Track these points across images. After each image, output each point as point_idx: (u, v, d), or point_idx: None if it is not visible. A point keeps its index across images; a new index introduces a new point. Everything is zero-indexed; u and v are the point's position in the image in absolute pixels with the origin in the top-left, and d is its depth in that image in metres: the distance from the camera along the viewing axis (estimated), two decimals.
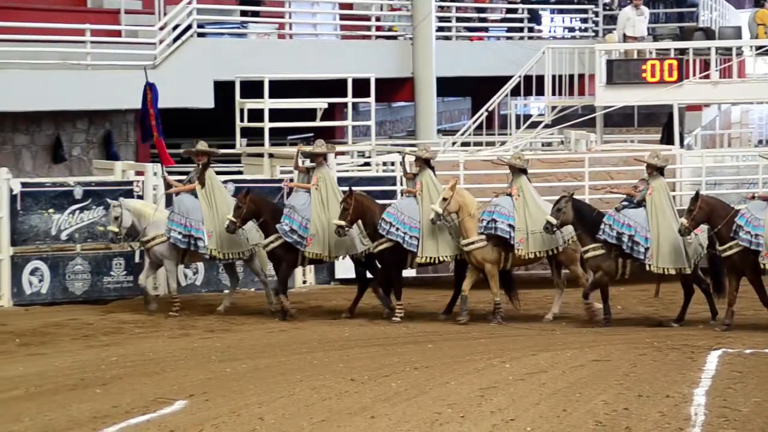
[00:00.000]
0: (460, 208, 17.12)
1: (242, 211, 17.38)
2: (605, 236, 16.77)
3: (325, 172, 17.81)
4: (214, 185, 17.93)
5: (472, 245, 17.12)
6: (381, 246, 17.32)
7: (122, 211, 17.59)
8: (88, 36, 22.09)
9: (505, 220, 17.05)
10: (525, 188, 17.31)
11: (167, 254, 17.72)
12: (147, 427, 11.75)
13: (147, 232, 17.70)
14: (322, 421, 11.84)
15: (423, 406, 12.35)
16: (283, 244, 17.50)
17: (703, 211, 16.44)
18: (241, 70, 22.71)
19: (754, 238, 16.28)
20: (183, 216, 17.61)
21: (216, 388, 13.22)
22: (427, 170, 17.52)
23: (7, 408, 12.47)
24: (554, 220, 16.74)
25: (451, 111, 37.31)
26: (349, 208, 17.20)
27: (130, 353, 15.37)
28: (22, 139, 22.33)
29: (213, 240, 17.64)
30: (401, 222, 17.24)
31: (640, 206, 16.85)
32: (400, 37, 27.35)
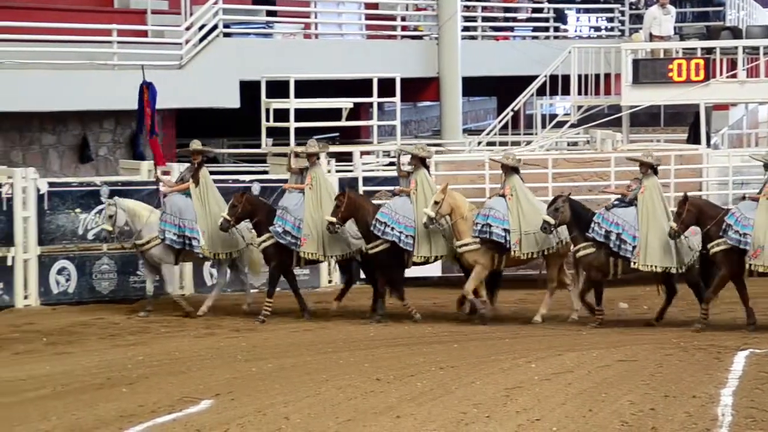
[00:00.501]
0: (452, 211, 17.08)
1: (237, 210, 17.39)
2: (594, 234, 16.78)
3: (319, 172, 17.75)
4: (208, 184, 17.91)
5: (464, 247, 17.07)
6: (377, 248, 17.28)
7: (117, 210, 17.57)
8: (115, 36, 22.17)
9: (499, 225, 16.99)
10: (518, 188, 17.24)
11: (164, 257, 17.68)
12: (173, 426, 11.78)
13: (142, 234, 17.64)
14: (347, 421, 11.84)
15: (448, 406, 12.34)
16: (276, 244, 17.49)
17: (691, 214, 16.48)
18: (266, 70, 22.74)
19: (743, 237, 16.31)
20: (175, 216, 17.59)
21: (242, 388, 13.25)
22: (422, 169, 17.44)
23: (34, 407, 12.53)
24: (552, 219, 16.72)
25: (477, 111, 37.27)
26: (342, 206, 17.17)
27: (156, 352, 15.42)
28: (50, 139, 22.42)
29: (206, 239, 17.65)
30: (396, 222, 17.17)
31: (631, 205, 16.86)
32: (425, 37, 27.34)
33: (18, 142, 22.06)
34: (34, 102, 21.06)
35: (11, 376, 14.07)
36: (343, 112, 22.95)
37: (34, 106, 21.21)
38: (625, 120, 24.97)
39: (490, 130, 26.06)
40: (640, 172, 17.04)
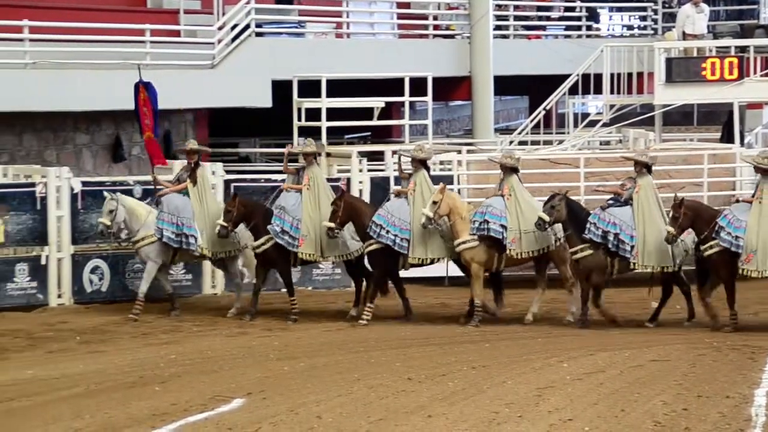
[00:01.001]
0: (450, 211, 17.00)
1: (232, 214, 17.29)
2: (591, 235, 16.71)
3: (316, 171, 17.66)
4: (206, 184, 17.84)
5: (463, 245, 17.02)
6: (370, 248, 17.22)
7: (117, 205, 17.46)
8: (148, 36, 22.26)
9: (497, 221, 16.92)
10: (516, 188, 17.18)
11: (153, 256, 17.56)
12: (205, 424, 11.81)
13: (137, 232, 17.56)
14: (379, 420, 11.85)
15: (480, 406, 12.33)
16: (275, 245, 17.42)
17: (687, 217, 16.42)
18: (298, 69, 22.78)
19: (735, 239, 16.27)
20: (173, 215, 17.51)
21: (274, 387, 13.27)
22: (422, 170, 17.36)
23: (68, 405, 12.60)
24: (547, 217, 16.66)
25: (509, 110, 37.19)
26: (339, 210, 17.09)
27: (189, 351, 15.47)
28: (83, 139, 22.52)
29: (203, 239, 17.57)
30: (391, 224, 17.10)
31: (626, 204, 16.81)
32: (457, 36, 27.30)
33: (52, 142, 22.17)
34: (68, 102, 21.16)
35: (45, 374, 14.15)
36: (375, 112, 22.96)
37: (68, 106, 21.31)
38: (658, 119, 24.87)
39: (522, 129, 26.01)
40: (635, 171, 16.97)
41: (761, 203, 16.32)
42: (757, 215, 16.28)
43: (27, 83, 20.72)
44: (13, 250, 18.09)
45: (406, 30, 27.18)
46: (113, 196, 17.57)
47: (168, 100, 22.47)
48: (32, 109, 21.01)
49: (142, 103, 18.40)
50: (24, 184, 18.33)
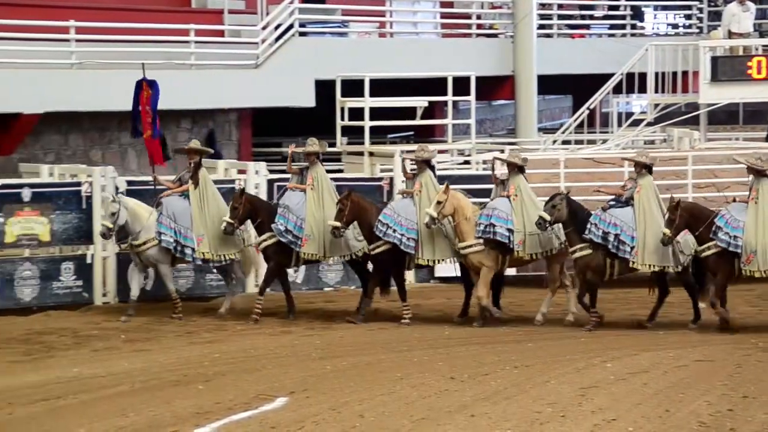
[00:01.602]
0: (455, 211, 16.89)
1: (239, 212, 17.15)
2: (591, 236, 16.63)
3: (320, 171, 17.53)
4: (207, 186, 17.58)
5: (469, 248, 16.91)
6: (378, 249, 17.14)
7: (120, 207, 17.23)
8: (192, 36, 22.37)
9: (503, 224, 16.79)
10: (523, 188, 17.09)
11: (160, 258, 17.37)
12: (248, 423, 11.86)
13: (139, 235, 17.32)
14: (422, 419, 11.85)
15: (523, 405, 12.31)
16: (276, 243, 17.33)
17: (683, 219, 16.34)
18: (342, 69, 22.81)
19: (733, 239, 16.18)
20: (172, 220, 17.31)
21: (316, 386, 13.30)
22: (427, 171, 17.28)
23: (112, 403, 12.68)
24: (548, 216, 16.59)
25: (552, 109, 37.09)
26: (345, 209, 16.99)
27: (232, 350, 15.53)
28: (128, 138, 22.65)
29: (204, 243, 17.36)
30: (398, 224, 17.01)
31: (627, 205, 16.73)
32: (500, 35, 27.27)
33: (97, 141, 22.34)
34: (113, 101, 21.28)
35: (90, 372, 14.24)
36: (418, 111, 22.96)
37: (114, 106, 21.44)
38: (703, 118, 24.72)
39: (566, 128, 25.92)
40: (635, 171, 16.91)
41: (757, 203, 16.27)
42: (754, 215, 16.22)
43: (73, 83, 20.90)
44: (59, 249, 18.22)
45: (449, 29, 27.17)
46: (115, 197, 17.40)
47: (212, 99, 22.63)
48: (78, 109, 21.18)
49: (145, 102, 18.11)
50: (70, 184, 18.44)
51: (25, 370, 14.40)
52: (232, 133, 24.24)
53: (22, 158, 20.78)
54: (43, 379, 13.88)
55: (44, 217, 17.98)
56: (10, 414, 12.32)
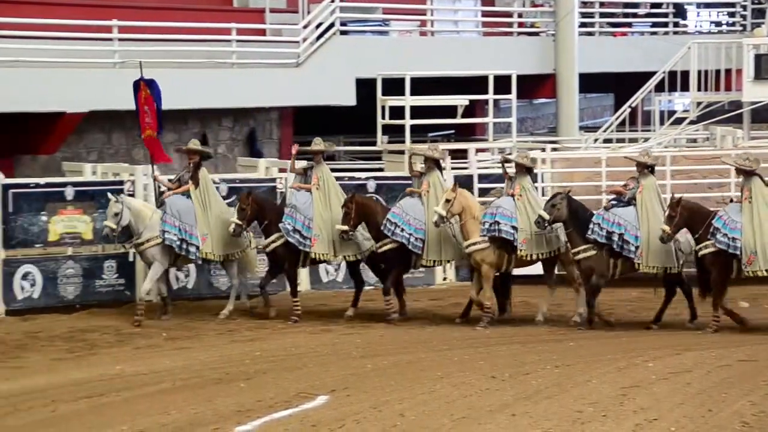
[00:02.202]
0: (463, 210, 16.81)
1: (246, 213, 17.05)
2: (595, 236, 16.56)
3: (325, 170, 17.48)
4: (208, 185, 17.48)
5: (473, 246, 16.84)
6: (385, 247, 17.09)
7: (123, 208, 17.04)
8: (234, 35, 22.45)
9: (508, 222, 16.73)
10: (528, 188, 17.04)
11: (159, 257, 17.17)
12: (289, 421, 11.89)
13: (143, 234, 17.15)
14: (462, 418, 11.84)
15: (564, 405, 12.27)
16: (285, 244, 17.24)
17: (683, 217, 16.25)
18: (382, 67, 22.82)
19: (732, 241, 16.10)
20: (176, 218, 17.16)
21: (357, 384, 13.32)
22: (435, 171, 17.23)
23: (155, 401, 12.74)
24: (547, 215, 16.52)
25: (594, 107, 36.96)
26: (351, 212, 16.93)
27: (274, 348, 15.57)
28: (170, 137, 22.76)
29: (208, 243, 17.22)
30: (406, 223, 16.97)
31: (629, 204, 16.64)
32: (542, 33, 27.20)
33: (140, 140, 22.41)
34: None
35: (133, 370, 14.33)
36: (459, 110, 22.92)
37: None
38: (746, 116, 24.55)
39: (607, 127, 25.82)
40: (637, 171, 16.84)
41: (751, 203, 16.20)
42: (750, 215, 16.15)
43: (116, 82, 20.99)
44: (101, 247, 18.32)
45: (490, 28, 27.12)
46: (117, 198, 17.16)
47: (253, 98, 22.69)
48: (121, 108, 21.28)
49: (143, 101, 17.94)
50: (112, 182, 18.54)
51: (68, 368, 14.51)
52: (273, 132, 24.31)
53: (66, 157, 20.94)
54: (86, 376, 13.98)
55: (87, 215, 18.09)
56: (54, 411, 12.42)
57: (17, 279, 17.48)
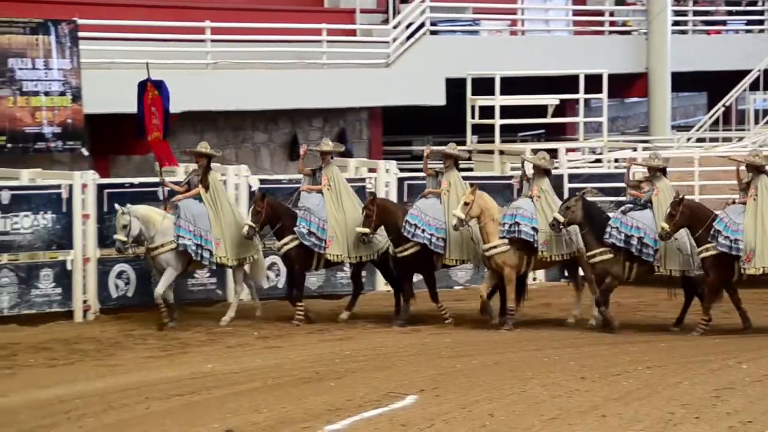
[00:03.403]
0: (482, 213, 16.65)
1: (261, 216, 16.85)
2: (612, 239, 16.35)
3: (335, 171, 17.32)
4: (218, 188, 17.14)
5: (493, 249, 16.66)
6: (407, 252, 16.92)
7: (131, 218, 16.71)
8: (324, 35, 22.56)
9: (528, 223, 16.57)
10: (546, 190, 16.86)
11: (173, 262, 16.84)
12: (379, 420, 11.92)
13: (154, 239, 16.82)
14: (552, 419, 11.79)
15: (656, 406, 12.17)
16: (298, 246, 17.06)
17: (684, 216, 16.03)
18: (472, 67, 22.79)
19: (734, 243, 15.87)
20: (191, 223, 16.81)
21: (446, 384, 13.32)
22: (454, 170, 17.07)
23: (246, 399, 12.85)
24: (562, 217, 16.35)
25: (686, 106, 36.55)
26: (372, 215, 16.76)
27: (363, 348, 15.62)
28: (261, 138, 22.97)
29: (221, 247, 16.94)
30: (426, 224, 16.80)
31: (645, 208, 16.45)
32: (634, 32, 26.98)
33: (231, 141, 22.66)
34: (247, 101, 21.61)
35: (224, 368, 14.46)
36: (549, 109, 22.83)
37: (248, 105, 21.77)
38: None
39: (700, 126, 25.54)
40: (650, 174, 16.65)
41: (756, 200, 15.96)
42: (753, 213, 15.93)
43: (208, 83, 21.24)
44: None
45: (581, 27, 26.96)
46: (124, 209, 16.78)
47: (343, 98, 22.80)
48: (213, 109, 21.52)
49: (150, 103, 17.51)
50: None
51: (161, 366, 14.69)
52: (363, 132, 24.39)
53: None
54: (178, 374, 14.14)
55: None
56: (147, 409, 12.58)
57: (112, 278, 17.71)
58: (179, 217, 16.88)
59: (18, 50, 18.86)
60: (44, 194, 17.40)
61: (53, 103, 19.32)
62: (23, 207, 17.14)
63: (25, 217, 17.18)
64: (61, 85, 19.37)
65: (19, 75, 18.90)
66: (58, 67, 19.22)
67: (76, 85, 19.35)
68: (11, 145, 18.79)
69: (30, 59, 18.99)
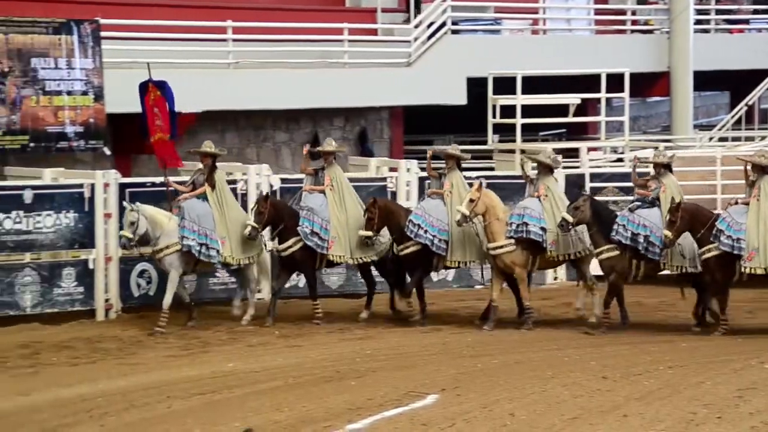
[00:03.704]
0: (486, 211, 16.58)
1: (264, 216, 16.75)
2: (619, 237, 16.31)
3: (337, 171, 17.27)
4: (224, 188, 17.02)
5: (500, 249, 16.62)
6: (408, 250, 16.88)
7: (139, 216, 16.65)
8: (346, 35, 22.58)
9: (536, 223, 16.51)
10: (552, 189, 16.80)
11: (176, 264, 16.73)
12: (400, 419, 11.92)
13: (159, 241, 16.72)
14: (573, 419, 11.78)
15: (678, 406, 12.14)
16: (302, 248, 16.94)
17: (684, 221, 16.01)
18: (494, 66, 22.78)
19: (736, 242, 15.81)
20: (195, 223, 16.70)
21: (467, 383, 13.31)
22: (456, 171, 17.01)
23: (267, 398, 12.88)
24: (570, 217, 16.30)
25: (708, 106, 36.43)
26: (374, 217, 16.72)
27: (384, 347, 15.63)
28: (282, 137, 22.99)
29: (227, 246, 16.82)
30: (429, 224, 16.75)
31: (653, 206, 16.39)
32: (656, 31, 26.90)
33: (253, 140, 22.70)
34: (268, 100, 21.63)
35: (245, 367, 14.49)
36: (570, 108, 22.79)
37: (269, 105, 21.79)
38: None
39: (723, 125, 25.47)
40: (656, 172, 16.61)
41: (759, 201, 15.90)
42: (756, 213, 15.87)
43: (230, 83, 21.27)
44: None
45: (603, 26, 26.91)
46: (133, 207, 16.75)
47: (364, 98, 22.81)
48: (234, 108, 21.56)
49: (152, 104, 17.35)
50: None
51: (182, 365, 14.72)
52: (384, 131, 24.39)
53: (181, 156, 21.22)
54: (199, 373, 14.18)
55: None
56: (169, 407, 12.62)
57: (134, 277, 17.75)
58: (183, 218, 16.78)
59: (41, 50, 18.92)
60: (66, 193, 17.46)
61: (75, 103, 19.38)
62: (46, 206, 17.20)
63: (48, 216, 17.24)
64: (84, 85, 19.43)
65: (41, 74, 18.97)
66: (81, 66, 19.28)
67: (98, 84, 19.40)
68: (34, 144, 18.86)
69: (53, 59, 19.06)
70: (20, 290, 17.05)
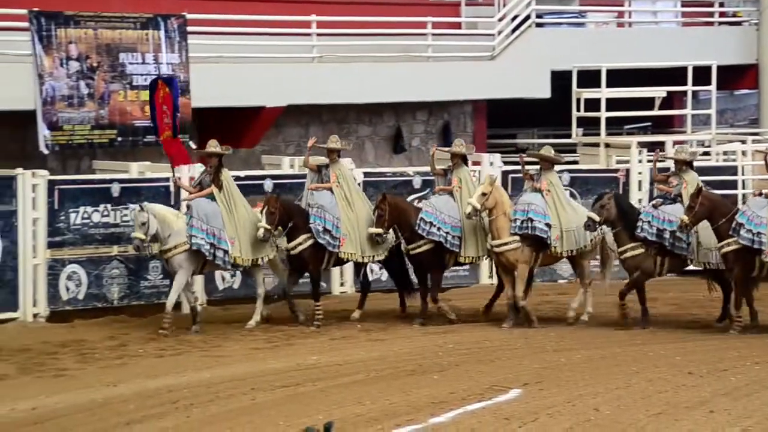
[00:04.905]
0: (496, 206, 16.38)
1: (275, 217, 16.48)
2: (644, 233, 16.08)
3: (343, 168, 17.07)
4: (231, 187, 16.67)
5: (505, 246, 16.41)
6: (420, 249, 16.69)
7: (149, 216, 16.31)
8: (429, 28, 22.57)
9: (542, 219, 16.29)
10: (555, 184, 16.56)
11: (185, 264, 16.38)
12: (483, 413, 11.92)
13: (169, 240, 16.38)
14: (658, 414, 11.69)
15: (765, 402, 12.02)
16: (311, 246, 16.70)
17: (704, 207, 15.71)
18: (578, 59, 22.62)
19: (756, 236, 15.49)
20: (204, 222, 16.36)
21: (550, 378, 13.27)
22: (463, 166, 16.84)
23: (350, 391, 12.93)
24: (597, 216, 16.08)
25: None
26: (384, 215, 16.52)
27: (466, 341, 15.62)
28: (365, 131, 23.04)
29: (236, 246, 16.50)
30: (442, 221, 16.57)
31: (675, 202, 16.17)
32: (744, 23, 26.55)
33: (336, 133, 22.74)
34: (352, 94, 21.69)
35: (328, 360, 14.56)
36: (656, 101, 22.57)
37: (352, 99, 21.85)
38: None
39: None
40: (677, 168, 16.40)
41: None
42: None
43: (314, 77, 21.37)
44: None
45: (690, 18, 26.61)
46: (142, 207, 16.44)
47: (448, 91, 22.78)
48: (318, 102, 21.65)
49: (161, 101, 17.25)
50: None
51: (266, 357, 14.84)
52: (467, 125, 24.34)
53: (265, 150, 21.38)
54: (283, 366, 14.28)
55: None
56: (253, 400, 12.72)
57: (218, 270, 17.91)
58: (192, 216, 16.43)
59: (129, 45, 19.13)
60: (153, 187, 17.66)
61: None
62: (133, 199, 17.40)
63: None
64: None
65: (129, 69, 19.16)
66: (168, 61, 19.45)
67: (184, 79, 19.55)
68: (121, 138, 19.08)
69: (140, 54, 19.25)
70: (108, 283, 17.29)
